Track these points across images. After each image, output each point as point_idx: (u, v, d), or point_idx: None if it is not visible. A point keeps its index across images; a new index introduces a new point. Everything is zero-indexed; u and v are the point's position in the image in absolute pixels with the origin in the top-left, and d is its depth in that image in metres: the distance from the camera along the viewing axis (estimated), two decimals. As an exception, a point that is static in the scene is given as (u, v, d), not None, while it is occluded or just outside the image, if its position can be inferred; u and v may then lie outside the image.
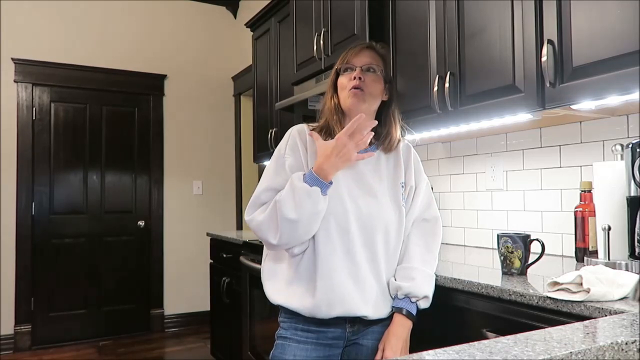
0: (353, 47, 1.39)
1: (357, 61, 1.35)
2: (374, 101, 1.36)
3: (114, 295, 4.11)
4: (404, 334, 1.27)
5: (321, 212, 1.22)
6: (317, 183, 1.19)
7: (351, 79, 1.33)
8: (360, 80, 1.32)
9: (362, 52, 1.37)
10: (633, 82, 1.17)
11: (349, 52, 1.38)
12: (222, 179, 4.62)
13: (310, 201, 1.18)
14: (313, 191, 1.18)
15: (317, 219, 1.22)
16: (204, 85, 4.56)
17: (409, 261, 1.33)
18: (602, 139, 1.65)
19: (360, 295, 1.26)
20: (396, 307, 1.29)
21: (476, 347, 0.64)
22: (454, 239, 2.24)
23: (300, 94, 2.58)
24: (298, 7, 2.64)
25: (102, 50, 4.15)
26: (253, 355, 2.62)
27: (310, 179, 1.19)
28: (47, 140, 3.94)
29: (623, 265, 1.26)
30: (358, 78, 1.32)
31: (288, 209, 1.18)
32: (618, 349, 0.66)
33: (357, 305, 1.25)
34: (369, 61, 1.35)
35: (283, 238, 1.21)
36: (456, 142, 2.25)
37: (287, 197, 1.20)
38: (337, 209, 1.26)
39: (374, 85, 1.34)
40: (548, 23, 1.38)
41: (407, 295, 1.28)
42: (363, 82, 1.32)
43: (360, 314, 1.27)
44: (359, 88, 1.31)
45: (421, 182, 1.41)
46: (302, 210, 1.18)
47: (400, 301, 1.28)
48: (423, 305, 1.30)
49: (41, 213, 3.90)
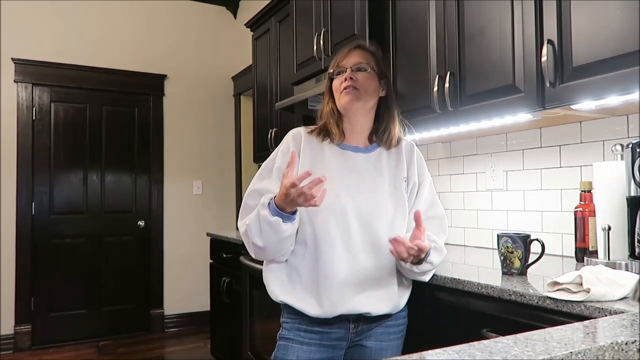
0: (342, 50, 1.40)
1: (347, 62, 1.36)
2: (369, 98, 1.36)
3: (114, 295, 4.11)
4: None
5: (288, 238, 1.23)
6: (278, 214, 1.19)
7: (342, 81, 1.34)
8: (351, 80, 1.33)
9: (351, 53, 1.38)
10: (633, 82, 1.17)
11: (338, 56, 1.39)
12: (222, 179, 4.62)
13: (272, 230, 1.19)
14: (274, 222, 1.18)
15: (285, 244, 1.24)
16: (204, 85, 4.56)
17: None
18: (602, 139, 1.65)
19: (362, 293, 1.26)
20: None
21: (476, 347, 0.64)
22: (454, 239, 2.24)
23: (300, 94, 2.58)
24: (298, 7, 2.64)
25: (102, 50, 4.15)
26: (253, 355, 2.62)
27: (272, 209, 1.19)
28: (47, 140, 3.94)
29: (623, 265, 1.26)
30: (349, 78, 1.33)
31: (254, 235, 1.22)
32: (618, 349, 0.66)
33: (359, 303, 1.26)
34: (358, 60, 1.36)
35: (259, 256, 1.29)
36: (456, 142, 2.24)
37: (253, 223, 1.23)
38: (335, 207, 1.27)
39: (367, 82, 1.34)
40: (548, 23, 1.38)
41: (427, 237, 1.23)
42: (355, 81, 1.33)
43: (364, 311, 1.27)
44: (351, 87, 1.32)
45: (425, 180, 1.41)
46: (266, 237, 1.21)
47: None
48: (433, 258, 1.24)
49: (41, 213, 3.90)
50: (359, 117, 1.37)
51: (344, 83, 1.33)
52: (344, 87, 1.33)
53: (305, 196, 1.11)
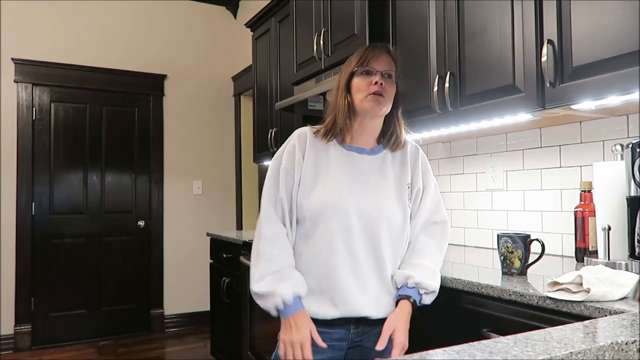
0: (371, 50, 1.35)
1: (378, 66, 1.33)
2: (390, 106, 1.35)
3: (114, 295, 4.11)
4: (407, 320, 1.26)
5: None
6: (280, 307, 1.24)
7: (371, 83, 1.31)
8: (381, 86, 1.30)
9: (382, 56, 1.34)
10: (633, 82, 1.17)
11: (368, 54, 1.34)
12: (222, 179, 4.62)
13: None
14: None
15: None
16: (204, 85, 4.56)
17: (420, 259, 1.32)
18: (602, 139, 1.65)
19: (363, 295, 1.26)
20: (403, 295, 1.27)
21: (476, 347, 0.64)
22: (454, 239, 2.24)
23: (300, 94, 2.58)
24: (298, 7, 2.64)
25: (102, 50, 4.15)
26: (253, 355, 2.62)
27: (283, 306, 1.23)
28: (47, 140, 3.94)
29: (623, 265, 1.26)
30: (380, 84, 1.30)
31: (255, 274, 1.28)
32: (618, 349, 0.66)
33: (360, 305, 1.26)
34: (388, 67, 1.34)
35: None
36: (456, 142, 2.24)
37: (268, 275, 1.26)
38: (337, 206, 1.26)
39: (391, 90, 1.34)
40: (548, 23, 1.38)
41: (417, 285, 1.26)
42: (384, 88, 1.31)
43: (364, 314, 1.26)
44: (380, 94, 1.31)
45: (429, 184, 1.41)
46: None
47: (410, 289, 1.27)
48: (426, 300, 1.29)
49: (41, 213, 3.90)
50: (373, 120, 1.36)
51: (373, 87, 1.30)
52: (373, 92, 1.30)
53: None
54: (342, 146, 1.35)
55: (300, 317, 1.22)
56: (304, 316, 1.23)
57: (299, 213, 1.31)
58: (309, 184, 1.30)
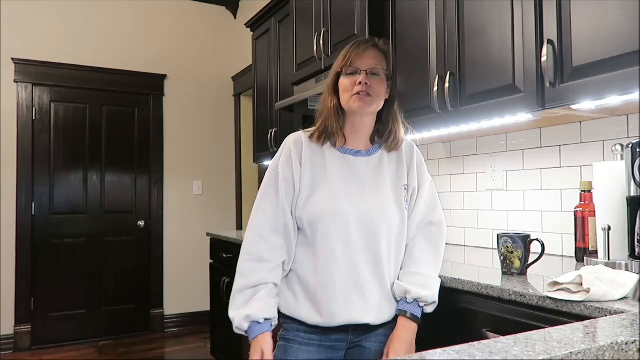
0: (355, 47, 1.31)
1: (362, 64, 1.28)
2: (380, 102, 1.32)
3: (114, 295, 4.11)
4: (408, 337, 1.25)
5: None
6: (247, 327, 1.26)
7: (356, 83, 1.27)
8: (366, 86, 1.27)
9: (366, 53, 1.30)
10: (633, 82, 1.17)
11: (351, 53, 1.30)
12: (222, 179, 4.62)
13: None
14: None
15: None
16: (204, 85, 4.56)
17: (418, 267, 1.30)
18: (602, 139, 1.65)
19: (363, 303, 1.24)
20: (401, 310, 1.27)
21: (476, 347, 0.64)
22: (454, 239, 2.24)
23: (300, 94, 2.58)
24: (298, 7, 2.64)
25: (102, 50, 4.14)
26: (253, 355, 2.61)
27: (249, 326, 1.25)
28: (47, 140, 3.94)
29: (623, 265, 1.26)
30: (364, 83, 1.26)
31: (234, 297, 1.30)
32: (618, 349, 0.66)
33: (359, 313, 1.24)
34: (374, 64, 1.29)
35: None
36: (456, 142, 2.24)
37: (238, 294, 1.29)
38: (335, 213, 1.24)
39: (379, 87, 1.30)
40: (548, 23, 1.38)
41: (416, 300, 1.26)
42: (369, 87, 1.27)
43: (364, 322, 1.25)
44: (364, 93, 1.27)
45: (424, 183, 1.38)
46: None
47: (408, 305, 1.26)
48: (428, 310, 1.28)
49: (41, 213, 3.90)
50: (364, 119, 1.33)
51: (357, 87, 1.26)
52: (357, 92, 1.27)
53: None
54: (337, 149, 1.32)
55: (255, 341, 1.24)
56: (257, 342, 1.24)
57: (298, 221, 1.29)
58: (307, 191, 1.28)
